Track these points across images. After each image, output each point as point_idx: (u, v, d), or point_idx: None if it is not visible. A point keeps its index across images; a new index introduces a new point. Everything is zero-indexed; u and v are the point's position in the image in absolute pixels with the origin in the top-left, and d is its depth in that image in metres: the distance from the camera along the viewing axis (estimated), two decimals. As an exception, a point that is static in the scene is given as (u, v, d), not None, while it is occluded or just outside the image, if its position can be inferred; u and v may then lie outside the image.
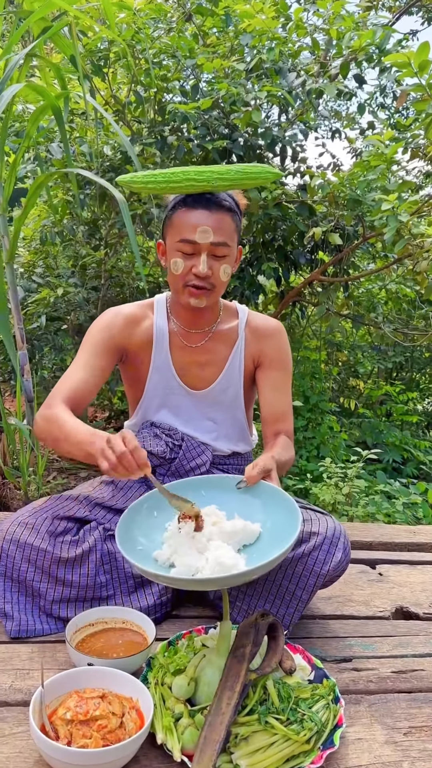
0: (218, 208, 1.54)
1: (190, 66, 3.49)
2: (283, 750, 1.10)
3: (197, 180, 1.51)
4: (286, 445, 1.64)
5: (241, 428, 1.79)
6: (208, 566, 1.23)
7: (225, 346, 1.72)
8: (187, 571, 1.23)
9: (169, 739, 1.11)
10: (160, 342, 1.70)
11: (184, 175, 1.51)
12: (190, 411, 1.73)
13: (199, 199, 1.54)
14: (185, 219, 1.54)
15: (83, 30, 3.40)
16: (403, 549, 2.09)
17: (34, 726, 1.04)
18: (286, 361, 1.75)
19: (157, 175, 1.53)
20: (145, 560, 1.27)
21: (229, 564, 1.22)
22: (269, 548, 1.27)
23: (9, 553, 1.45)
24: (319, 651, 1.46)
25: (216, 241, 1.53)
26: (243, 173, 1.52)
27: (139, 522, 1.36)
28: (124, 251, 4.09)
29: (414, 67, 2.89)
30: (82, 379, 1.58)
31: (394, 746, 1.19)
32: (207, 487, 1.46)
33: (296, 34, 3.61)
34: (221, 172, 1.51)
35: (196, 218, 1.53)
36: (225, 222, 1.55)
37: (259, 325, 1.75)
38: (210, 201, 1.54)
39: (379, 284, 4.82)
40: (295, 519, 1.27)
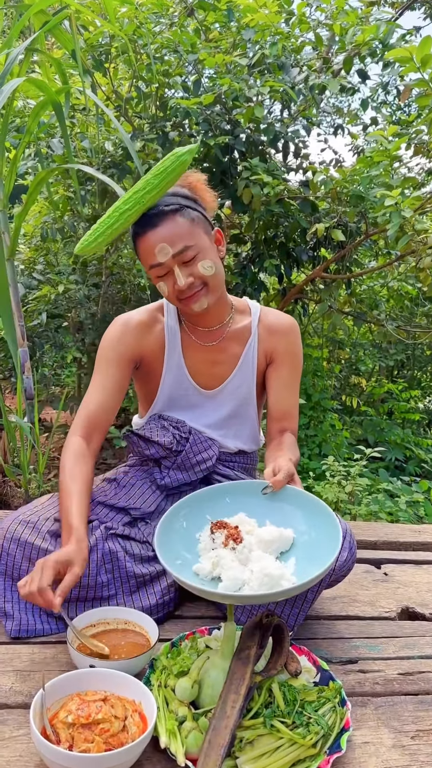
0: (162, 218, 1.49)
1: (192, 61, 3.47)
2: (289, 754, 1.08)
3: (129, 209, 1.47)
4: (293, 446, 1.63)
5: (252, 427, 1.77)
6: (254, 578, 1.18)
7: (238, 344, 1.70)
8: (234, 585, 1.19)
9: (172, 743, 1.09)
10: (172, 344, 1.68)
11: (117, 212, 1.47)
12: (201, 409, 1.72)
13: (142, 221, 1.50)
14: (142, 246, 1.51)
15: (84, 24, 3.38)
16: (408, 548, 2.07)
17: (35, 729, 1.02)
18: (297, 358, 1.74)
19: (98, 227, 1.49)
20: (186, 574, 1.23)
21: (277, 575, 1.17)
22: (306, 554, 1.25)
23: (9, 552, 1.43)
24: (324, 652, 1.44)
25: (176, 251, 1.48)
26: (160, 174, 1.46)
27: (176, 532, 1.33)
28: (125, 248, 4.07)
29: (417, 62, 2.86)
30: (100, 402, 1.59)
31: (401, 750, 1.17)
32: (230, 494, 1.43)
33: (299, 29, 3.58)
34: (142, 187, 1.46)
35: (148, 241, 1.49)
36: (176, 227, 1.49)
37: (273, 322, 1.72)
38: (152, 216, 1.49)
39: (381, 282, 4.80)
40: (331, 523, 1.25)
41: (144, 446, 1.68)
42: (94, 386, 1.61)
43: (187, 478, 1.67)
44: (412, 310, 5.11)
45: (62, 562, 1.27)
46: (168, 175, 1.47)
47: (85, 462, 1.51)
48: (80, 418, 1.58)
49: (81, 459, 1.51)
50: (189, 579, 1.17)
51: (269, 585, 1.16)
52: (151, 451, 1.67)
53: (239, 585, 1.19)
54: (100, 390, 1.60)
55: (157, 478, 1.68)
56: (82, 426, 1.57)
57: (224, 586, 1.19)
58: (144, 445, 1.68)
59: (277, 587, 1.16)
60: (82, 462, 1.50)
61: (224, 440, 1.73)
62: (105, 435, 1.61)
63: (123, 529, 1.56)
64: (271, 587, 1.16)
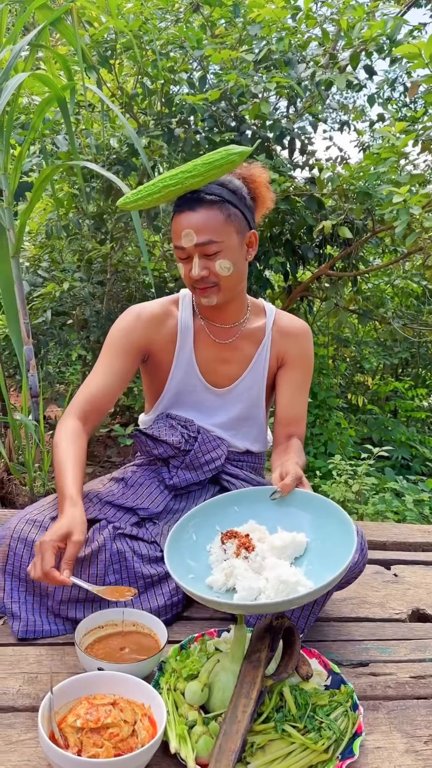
0: (200, 205, 1.49)
1: (198, 57, 3.45)
2: (301, 759, 1.06)
3: (172, 184, 1.48)
4: (300, 450, 1.61)
5: (260, 428, 1.75)
6: (270, 586, 1.17)
7: (251, 344, 1.69)
8: (250, 595, 1.17)
9: (182, 748, 1.07)
10: (184, 338, 1.66)
11: (161, 183, 1.49)
12: (210, 408, 1.70)
13: (183, 201, 1.51)
14: (175, 225, 1.52)
15: (90, 20, 3.36)
16: (417, 549, 2.05)
17: (44, 734, 1.00)
18: (308, 363, 1.72)
19: (141, 191, 1.52)
20: (199, 587, 1.21)
21: (293, 581, 1.15)
22: (320, 558, 1.23)
23: (16, 552, 1.41)
24: (335, 655, 1.42)
25: (200, 241, 1.48)
26: (208, 164, 1.48)
27: (185, 544, 1.31)
28: (130, 245, 4.05)
29: (425, 58, 2.84)
30: (102, 385, 1.57)
31: (414, 755, 1.15)
32: (239, 503, 1.41)
33: (306, 25, 3.55)
34: (189, 170, 1.48)
35: (180, 222, 1.50)
36: (209, 218, 1.48)
37: (287, 325, 1.71)
38: (192, 200, 1.50)
39: (386, 279, 4.78)
40: (344, 525, 1.23)
41: (152, 445, 1.66)
42: (99, 369, 1.59)
43: (196, 477, 1.66)
44: (418, 308, 5.08)
45: (59, 538, 1.26)
46: (214, 167, 1.48)
47: (80, 440, 1.50)
48: (79, 398, 1.56)
49: (75, 437, 1.49)
50: (203, 593, 1.15)
51: (285, 592, 1.14)
52: (160, 450, 1.65)
53: (255, 594, 1.17)
54: (104, 374, 1.58)
55: (165, 477, 1.66)
56: (80, 407, 1.54)
57: (240, 596, 1.17)
58: (152, 444, 1.66)
59: (294, 593, 1.13)
60: (76, 440, 1.49)
61: (233, 440, 1.72)
62: (102, 419, 1.59)
63: (131, 529, 1.54)
64: (287, 594, 1.14)
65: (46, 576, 1.22)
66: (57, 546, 1.25)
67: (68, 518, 1.30)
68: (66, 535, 1.27)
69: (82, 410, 1.54)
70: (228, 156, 1.48)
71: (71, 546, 1.26)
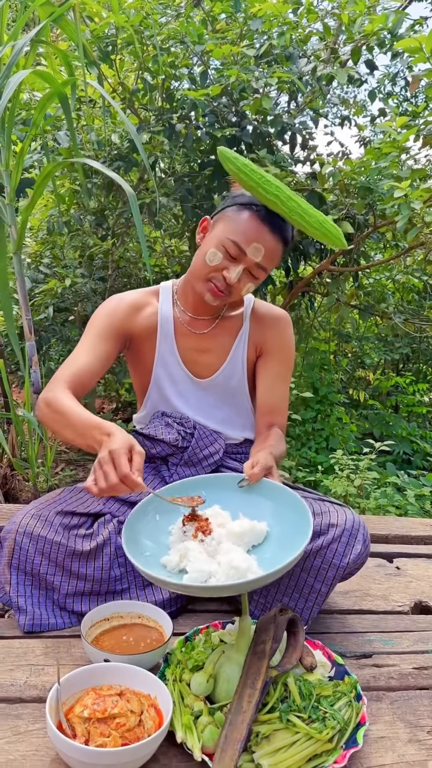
0: (280, 236, 1.53)
1: (199, 52, 3.44)
2: (306, 749, 1.07)
3: (283, 203, 1.49)
4: (279, 439, 1.61)
5: (248, 416, 1.76)
6: (221, 570, 1.18)
7: (229, 333, 1.70)
8: (200, 577, 1.18)
9: (188, 738, 1.08)
10: (164, 329, 1.67)
11: (276, 190, 1.49)
12: (198, 400, 1.71)
13: (272, 217, 1.52)
14: (248, 225, 1.51)
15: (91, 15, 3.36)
16: (419, 542, 2.06)
17: (51, 724, 1.01)
18: (288, 352, 1.72)
19: (255, 171, 1.50)
20: (154, 566, 1.23)
21: (243, 567, 1.17)
22: (279, 548, 1.24)
23: (22, 546, 1.43)
24: (338, 647, 1.44)
25: (259, 262, 1.52)
26: (321, 226, 1.50)
27: (144, 525, 1.32)
28: (131, 241, 4.06)
29: (426, 52, 2.84)
30: (86, 363, 1.55)
31: (418, 745, 1.16)
32: (207, 487, 1.42)
33: (307, 19, 3.55)
34: (305, 212, 1.49)
35: (258, 232, 1.51)
36: (277, 250, 1.54)
37: (265, 314, 1.72)
38: (277, 225, 1.52)
39: (388, 275, 4.78)
40: (303, 516, 1.23)
41: (150, 445, 1.66)
42: (82, 349, 1.58)
43: (195, 473, 1.66)
44: (419, 303, 5.08)
45: (127, 447, 1.24)
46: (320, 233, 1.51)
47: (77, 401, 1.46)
48: (65, 374, 1.52)
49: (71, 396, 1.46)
50: (151, 570, 1.15)
51: (235, 577, 1.16)
52: (158, 449, 1.66)
53: (205, 577, 1.18)
54: (87, 353, 1.57)
55: (165, 476, 1.66)
56: (66, 380, 1.50)
57: (189, 577, 1.18)
58: (150, 444, 1.66)
59: (242, 579, 1.15)
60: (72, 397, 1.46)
61: (229, 431, 1.72)
62: (83, 397, 1.56)
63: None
64: (237, 580, 1.15)
65: (125, 479, 1.20)
66: (128, 454, 1.23)
67: (122, 433, 1.28)
68: (131, 445, 1.25)
69: (70, 383, 1.50)
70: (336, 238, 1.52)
71: (138, 456, 1.24)
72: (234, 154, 1.53)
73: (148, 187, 3.56)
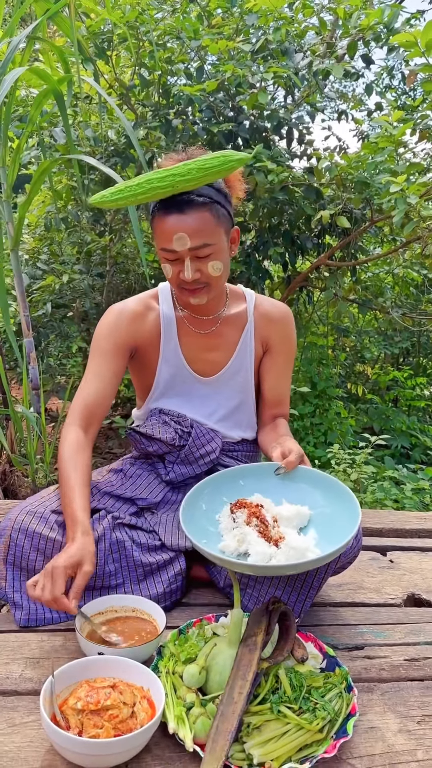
0: (191, 207, 1.46)
1: (195, 48, 3.44)
2: (296, 739, 1.09)
3: (161, 186, 1.44)
4: (288, 430, 1.69)
5: (251, 414, 1.77)
6: (280, 552, 1.26)
7: (234, 330, 1.70)
8: (263, 559, 1.25)
9: (180, 729, 1.10)
10: (168, 331, 1.67)
11: (148, 185, 1.45)
12: (201, 398, 1.72)
13: (171, 202, 1.47)
14: (161, 226, 1.49)
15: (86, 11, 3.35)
16: (413, 535, 2.07)
17: (45, 716, 1.03)
18: (291, 345, 1.76)
19: (123, 190, 1.47)
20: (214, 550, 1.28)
21: (303, 547, 1.25)
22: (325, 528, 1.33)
23: (18, 542, 1.44)
24: (330, 639, 1.45)
25: (194, 245, 1.47)
26: (204, 170, 1.43)
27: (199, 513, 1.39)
28: (129, 237, 4.06)
29: (421, 46, 2.83)
30: (95, 390, 1.57)
31: (407, 735, 1.18)
32: (244, 477, 1.49)
33: (302, 14, 3.55)
34: (182, 173, 1.43)
35: (170, 224, 1.47)
36: (202, 221, 1.46)
37: (269, 309, 1.73)
38: (182, 202, 1.46)
39: (386, 269, 4.78)
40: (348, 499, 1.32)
41: (146, 443, 1.68)
42: (90, 375, 1.60)
43: (192, 471, 1.68)
44: (418, 297, 5.09)
45: (72, 565, 1.26)
46: (211, 173, 1.44)
47: (84, 452, 1.50)
48: (77, 408, 1.56)
49: (80, 449, 1.50)
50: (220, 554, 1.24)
51: (296, 557, 1.24)
52: (154, 447, 1.67)
53: (267, 559, 1.26)
54: (95, 379, 1.59)
55: (161, 473, 1.68)
56: (79, 416, 1.55)
57: (253, 560, 1.25)
58: (146, 442, 1.67)
59: (304, 558, 1.23)
60: (81, 452, 1.49)
61: (227, 430, 1.74)
62: (101, 423, 1.60)
63: (130, 519, 1.57)
64: (297, 559, 1.23)
65: (55, 601, 1.23)
66: (68, 573, 1.25)
67: (80, 546, 1.29)
68: (78, 563, 1.27)
69: (82, 418, 1.55)
70: (226, 162, 1.44)
71: (81, 576, 1.26)
72: (101, 194, 1.50)
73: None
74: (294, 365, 4.42)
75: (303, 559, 1.22)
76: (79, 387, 1.60)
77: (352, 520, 1.26)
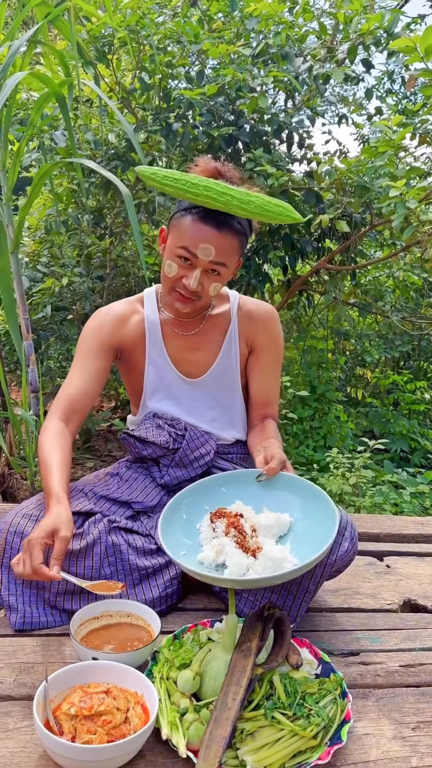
0: (227, 230, 1.52)
1: (196, 52, 3.45)
2: (290, 745, 1.09)
3: (216, 199, 1.47)
4: (277, 432, 1.68)
5: (241, 414, 1.78)
6: (258, 563, 1.24)
7: (218, 331, 1.72)
8: (239, 570, 1.23)
9: (174, 735, 1.10)
10: (152, 334, 1.69)
11: (205, 191, 1.47)
12: (190, 400, 1.72)
13: (212, 215, 1.51)
14: (192, 229, 1.51)
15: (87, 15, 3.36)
16: (411, 540, 2.07)
17: (38, 721, 1.03)
18: (278, 345, 1.76)
19: (178, 179, 1.49)
20: (192, 563, 1.27)
21: (279, 557, 1.23)
22: (305, 537, 1.30)
23: (13, 545, 1.44)
24: (325, 644, 1.45)
25: (215, 260, 1.51)
26: (263, 209, 1.49)
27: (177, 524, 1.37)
28: (129, 240, 4.07)
29: (420, 52, 2.84)
30: (79, 386, 1.60)
31: (402, 741, 1.17)
32: (226, 484, 1.47)
33: (303, 18, 3.55)
34: (242, 201, 1.47)
35: (202, 233, 1.50)
36: (229, 243, 1.53)
37: (252, 309, 1.74)
38: (222, 221, 1.51)
39: (386, 272, 4.78)
40: (326, 506, 1.29)
41: (140, 447, 1.68)
42: (74, 372, 1.63)
43: (186, 474, 1.68)
44: (418, 301, 5.09)
45: (46, 534, 1.29)
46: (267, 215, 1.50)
47: (63, 438, 1.53)
48: (59, 401, 1.59)
49: (59, 435, 1.53)
50: (196, 567, 1.21)
51: (272, 568, 1.22)
52: (148, 451, 1.67)
53: (244, 570, 1.23)
54: (79, 375, 1.62)
55: (156, 477, 1.68)
56: (61, 409, 1.58)
57: (230, 571, 1.22)
58: (140, 445, 1.68)
59: (281, 570, 1.20)
60: (60, 437, 1.52)
61: (220, 432, 1.74)
62: (84, 419, 1.63)
63: (126, 523, 1.57)
64: (274, 570, 1.21)
65: (35, 572, 1.26)
66: (45, 543, 1.29)
67: (54, 515, 1.34)
68: (53, 531, 1.30)
69: (63, 411, 1.58)
70: (284, 214, 1.51)
71: (59, 542, 1.29)
72: (152, 169, 1.52)
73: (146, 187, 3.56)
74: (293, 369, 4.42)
75: (280, 571, 1.20)
76: (64, 383, 1.63)
77: (329, 529, 1.23)
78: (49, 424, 1.56)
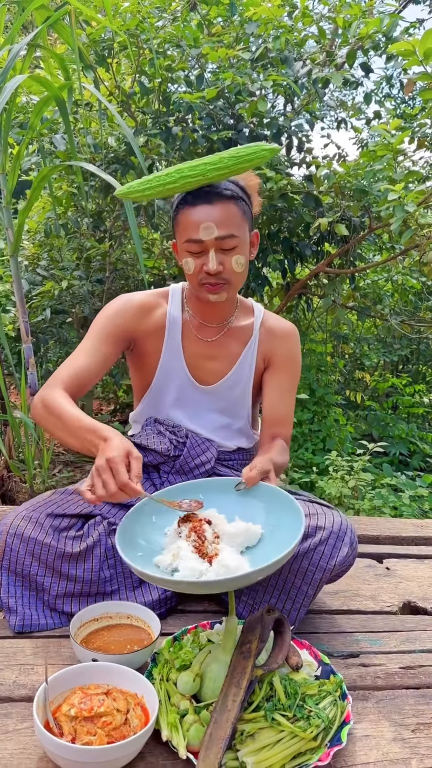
0: (220, 199, 1.49)
1: (195, 56, 3.46)
2: (290, 747, 1.09)
3: (191, 175, 1.46)
4: (282, 450, 1.61)
5: (247, 425, 1.76)
6: (212, 569, 1.20)
7: (238, 342, 1.69)
8: (192, 575, 1.19)
9: (174, 736, 1.10)
10: (172, 331, 1.66)
11: (177, 174, 1.46)
12: (196, 405, 1.70)
13: (198, 194, 1.49)
14: (188, 218, 1.50)
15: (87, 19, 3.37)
16: (410, 543, 2.07)
17: (38, 723, 1.03)
18: (295, 365, 1.73)
19: (151, 180, 1.49)
20: (148, 566, 1.23)
21: (233, 566, 1.19)
22: (272, 549, 1.24)
23: (13, 548, 1.44)
24: (325, 646, 1.45)
25: (221, 234, 1.48)
26: (236, 158, 1.46)
27: (141, 527, 1.33)
28: (129, 243, 4.07)
29: (419, 55, 2.85)
30: (85, 365, 1.54)
31: (402, 743, 1.17)
32: (204, 491, 1.43)
33: (302, 23, 3.57)
34: (213, 161, 1.46)
35: (198, 215, 1.48)
36: (229, 212, 1.49)
37: (275, 326, 1.72)
38: (210, 193, 1.49)
39: (385, 276, 4.79)
40: (297, 519, 1.24)
41: (141, 453, 1.66)
42: (84, 349, 1.56)
43: (187, 481, 1.67)
44: (416, 305, 5.10)
45: (125, 453, 1.23)
46: (243, 161, 1.47)
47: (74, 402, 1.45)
48: (63, 373, 1.51)
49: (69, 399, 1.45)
50: (143, 568, 1.15)
51: (224, 575, 1.16)
52: (149, 457, 1.65)
53: (196, 575, 1.19)
54: (87, 355, 1.55)
55: (156, 483, 1.66)
56: (64, 380, 1.50)
57: (180, 575, 1.19)
58: (141, 452, 1.66)
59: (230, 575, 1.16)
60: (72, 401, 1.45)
61: (222, 440, 1.72)
62: (80, 397, 1.55)
63: (125, 525, 1.56)
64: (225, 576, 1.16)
65: (125, 487, 1.19)
66: (126, 461, 1.22)
67: (119, 438, 1.27)
68: (128, 451, 1.24)
69: (66, 384, 1.50)
70: (259, 151, 1.47)
71: (135, 461, 1.23)
72: (126, 186, 1.52)
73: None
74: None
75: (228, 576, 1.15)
76: (69, 357, 1.56)
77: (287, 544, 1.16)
78: (53, 391, 1.46)
